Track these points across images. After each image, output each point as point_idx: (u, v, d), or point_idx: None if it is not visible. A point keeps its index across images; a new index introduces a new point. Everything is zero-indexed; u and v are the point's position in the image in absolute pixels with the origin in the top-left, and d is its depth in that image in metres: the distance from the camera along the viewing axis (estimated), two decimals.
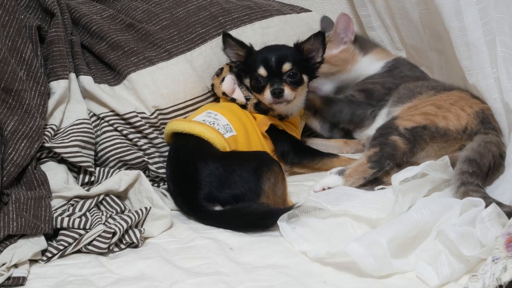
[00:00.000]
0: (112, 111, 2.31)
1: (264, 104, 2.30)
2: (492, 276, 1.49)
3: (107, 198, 2.07)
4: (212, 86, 2.40)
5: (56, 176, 2.07)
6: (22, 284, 1.70)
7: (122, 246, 1.89)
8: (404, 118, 2.25)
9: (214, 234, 1.92)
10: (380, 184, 2.18)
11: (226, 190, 2.03)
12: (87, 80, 2.35)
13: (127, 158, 2.27)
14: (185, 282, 1.66)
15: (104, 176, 2.17)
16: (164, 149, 2.35)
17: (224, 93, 2.34)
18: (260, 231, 1.93)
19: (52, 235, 1.89)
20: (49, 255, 1.83)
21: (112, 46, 2.44)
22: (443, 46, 2.52)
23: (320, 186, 2.15)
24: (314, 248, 1.77)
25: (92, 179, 2.18)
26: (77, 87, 2.33)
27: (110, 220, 1.94)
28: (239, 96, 2.34)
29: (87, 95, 2.35)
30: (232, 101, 2.34)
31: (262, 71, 2.26)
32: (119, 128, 2.30)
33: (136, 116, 2.31)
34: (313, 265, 1.73)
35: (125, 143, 2.29)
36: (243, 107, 2.33)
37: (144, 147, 2.31)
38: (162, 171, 2.30)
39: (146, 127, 2.32)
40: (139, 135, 2.32)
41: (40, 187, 2.00)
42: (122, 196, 2.13)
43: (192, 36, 2.49)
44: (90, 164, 2.17)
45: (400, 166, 2.16)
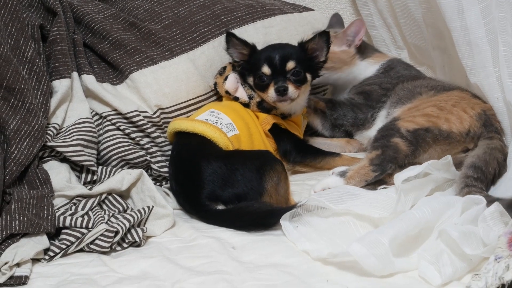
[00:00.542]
0: (115, 110, 2.31)
1: (268, 102, 2.30)
2: (494, 275, 1.49)
3: (110, 197, 2.08)
4: (215, 85, 2.40)
5: (59, 175, 2.07)
6: (24, 283, 1.70)
7: (125, 245, 1.89)
8: (406, 119, 2.25)
9: (217, 233, 1.92)
10: (382, 184, 2.18)
11: (228, 189, 2.03)
12: (90, 79, 2.35)
13: (130, 157, 2.27)
14: (187, 281, 1.66)
15: (107, 175, 2.18)
16: (166, 148, 2.36)
17: (227, 91, 2.34)
18: (263, 230, 1.92)
19: (54, 234, 1.89)
20: (51, 254, 1.83)
21: (115, 45, 2.44)
22: (446, 45, 2.52)
23: (320, 187, 2.14)
24: (317, 247, 1.77)
25: (95, 178, 2.18)
26: (79, 86, 2.33)
27: (113, 219, 1.94)
28: (242, 95, 2.34)
29: (89, 94, 2.35)
30: (235, 99, 2.34)
31: (266, 69, 2.26)
32: (121, 127, 2.30)
33: (139, 115, 2.31)
34: (315, 264, 1.73)
35: (127, 142, 2.29)
36: (246, 105, 2.33)
37: (146, 146, 2.31)
38: (164, 170, 2.30)
39: (149, 126, 2.32)
40: (141, 134, 2.32)
41: (42, 186, 2.00)
42: (125, 195, 2.13)
43: (194, 35, 2.49)
44: (92, 163, 2.17)
45: (402, 167, 2.15)
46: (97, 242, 1.85)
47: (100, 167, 2.22)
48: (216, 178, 2.04)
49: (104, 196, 2.06)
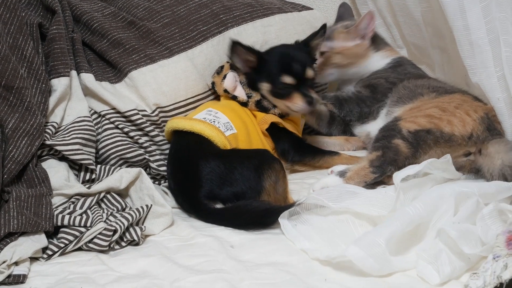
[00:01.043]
0: (113, 108, 2.31)
1: (268, 102, 2.31)
2: (493, 274, 1.49)
3: (108, 196, 2.07)
4: (213, 84, 2.40)
5: (57, 173, 2.07)
6: (22, 282, 1.69)
7: (123, 244, 1.89)
8: (408, 119, 2.24)
9: (215, 232, 1.92)
10: (382, 185, 2.18)
11: (227, 188, 2.02)
12: (88, 78, 2.35)
13: (128, 155, 2.27)
14: (186, 279, 1.66)
15: (105, 174, 2.18)
16: (165, 146, 2.35)
17: (225, 90, 2.33)
18: (261, 229, 1.92)
19: (52, 233, 1.89)
20: (49, 252, 1.83)
21: (113, 43, 2.44)
22: (445, 44, 2.51)
23: (319, 186, 2.14)
24: (316, 246, 1.77)
25: (93, 176, 2.18)
26: (78, 84, 2.33)
27: (111, 217, 1.94)
28: (240, 94, 2.34)
29: (88, 92, 2.35)
30: (234, 98, 2.33)
31: (288, 79, 2.27)
32: (120, 126, 2.30)
33: (137, 113, 2.31)
34: (314, 263, 1.73)
35: (126, 140, 2.29)
36: (244, 104, 2.33)
37: (145, 145, 2.31)
38: (163, 168, 2.30)
39: (147, 124, 2.32)
40: (140, 132, 2.32)
41: (41, 185, 2.00)
42: (123, 193, 2.13)
43: (193, 33, 2.48)
44: (91, 161, 2.17)
45: (401, 168, 2.15)
46: (95, 240, 1.85)
47: (98, 166, 2.21)
48: (214, 176, 2.04)
49: (102, 194, 2.06)
